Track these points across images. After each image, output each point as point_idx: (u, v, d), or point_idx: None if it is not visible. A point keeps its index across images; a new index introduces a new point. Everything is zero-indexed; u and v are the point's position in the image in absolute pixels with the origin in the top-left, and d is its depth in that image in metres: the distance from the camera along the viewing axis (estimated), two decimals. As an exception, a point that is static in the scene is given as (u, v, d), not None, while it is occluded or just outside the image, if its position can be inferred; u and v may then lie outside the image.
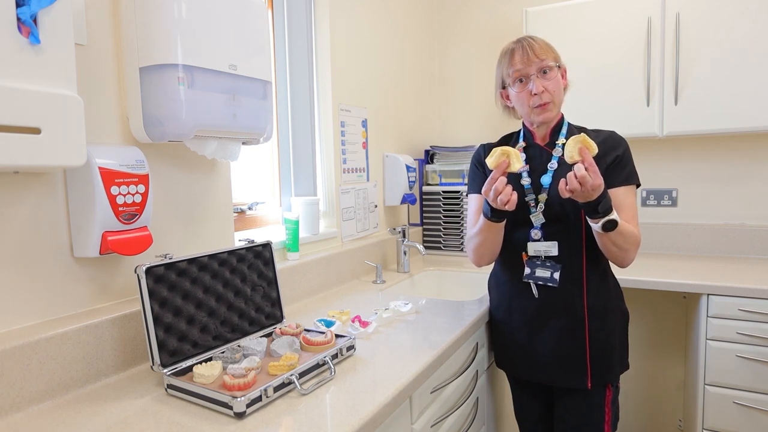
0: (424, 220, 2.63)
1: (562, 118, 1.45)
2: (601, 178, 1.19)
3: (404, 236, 2.20)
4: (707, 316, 1.82)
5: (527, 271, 1.43)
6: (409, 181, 2.35)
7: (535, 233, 1.41)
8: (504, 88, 1.45)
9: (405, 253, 2.19)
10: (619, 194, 1.36)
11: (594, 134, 1.42)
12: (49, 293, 1.05)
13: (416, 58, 2.69)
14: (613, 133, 1.41)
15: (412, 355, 1.20)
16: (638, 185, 1.39)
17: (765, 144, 2.23)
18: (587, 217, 1.28)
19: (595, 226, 1.27)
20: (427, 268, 2.30)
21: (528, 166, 1.43)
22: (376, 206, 2.29)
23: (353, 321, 1.40)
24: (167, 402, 0.99)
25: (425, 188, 2.60)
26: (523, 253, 1.45)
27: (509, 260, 1.50)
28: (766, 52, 1.93)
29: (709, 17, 2.01)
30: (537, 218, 1.40)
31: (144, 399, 1.00)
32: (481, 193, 1.47)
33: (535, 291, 1.43)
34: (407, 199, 2.36)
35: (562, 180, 1.21)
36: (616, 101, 2.19)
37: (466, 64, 2.87)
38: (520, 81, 1.38)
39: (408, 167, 2.34)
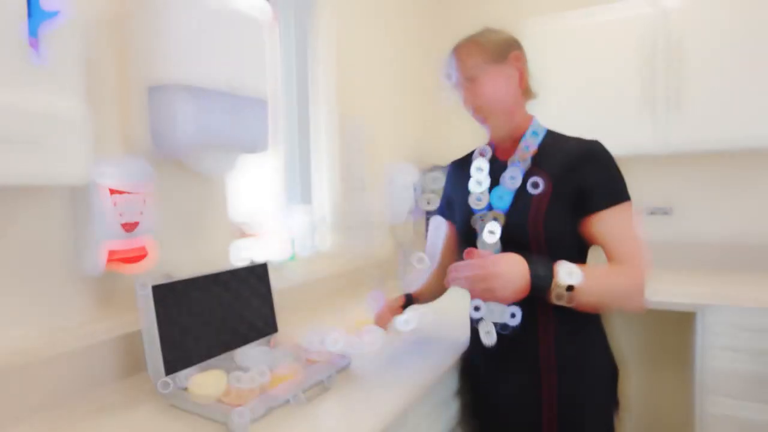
0: (427, 234, 2.62)
1: (529, 127, 1.17)
2: (490, 261, 0.94)
3: (407, 250, 2.19)
4: (707, 331, 1.82)
5: (481, 313, 1.13)
6: (413, 195, 2.35)
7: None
8: None
9: (406, 269, 2.19)
10: (607, 219, 1.05)
11: (574, 143, 1.12)
12: (50, 307, 1.06)
13: (417, 70, 2.72)
14: (594, 143, 1.10)
15: (410, 373, 1.20)
16: (628, 200, 1.08)
17: (762, 161, 2.24)
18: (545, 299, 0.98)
19: (559, 302, 0.97)
20: (427, 281, 2.29)
21: (487, 181, 1.17)
22: (378, 220, 2.30)
23: (352, 336, 1.40)
24: (166, 415, 0.99)
25: (426, 202, 2.60)
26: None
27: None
28: (765, 68, 1.95)
29: (708, 33, 2.02)
30: (486, 244, 1.11)
31: (143, 411, 1.00)
32: (440, 216, 1.37)
33: (493, 335, 1.13)
34: (410, 215, 2.36)
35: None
36: (614, 115, 2.19)
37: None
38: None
39: (410, 180, 2.34)
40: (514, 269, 0.95)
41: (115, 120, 1.17)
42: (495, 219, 1.12)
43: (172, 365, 1.08)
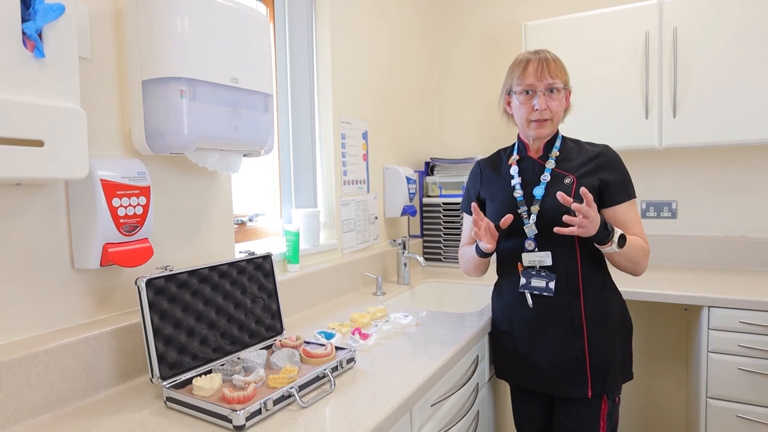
0: (425, 232, 2.63)
1: (557, 132, 1.51)
2: (595, 207, 1.25)
3: (404, 248, 2.20)
4: (708, 329, 1.82)
5: (523, 281, 1.46)
6: (410, 193, 2.36)
7: (529, 244, 1.44)
8: (509, 94, 1.49)
9: (405, 265, 2.19)
10: (623, 210, 1.42)
11: (589, 147, 1.47)
12: (49, 305, 1.05)
13: (416, 71, 2.71)
14: (608, 147, 1.46)
15: (412, 368, 1.20)
16: (636, 197, 1.45)
17: (763, 155, 2.24)
18: (598, 245, 1.33)
19: (609, 249, 1.32)
20: (427, 279, 2.29)
21: (520, 179, 1.48)
22: (376, 218, 2.29)
23: (353, 333, 1.40)
24: (166, 415, 0.98)
25: (425, 200, 2.61)
26: (519, 263, 1.48)
27: (508, 271, 1.53)
28: (764, 65, 1.95)
29: (706, 32, 2.03)
30: (530, 229, 1.43)
31: (143, 412, 1.00)
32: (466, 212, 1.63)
33: (529, 300, 1.45)
34: (407, 211, 2.36)
35: (567, 218, 1.27)
36: (615, 114, 2.20)
37: (465, 77, 2.89)
38: (527, 93, 1.42)
39: (408, 179, 2.35)
40: (599, 221, 1.28)
41: (115, 115, 1.16)
42: (532, 206, 1.44)
43: (172, 364, 1.08)
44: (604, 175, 1.41)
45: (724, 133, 2.03)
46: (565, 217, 1.27)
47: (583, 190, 1.24)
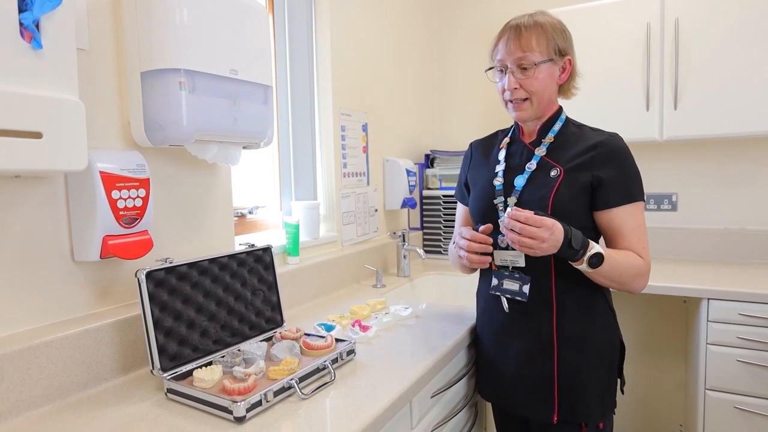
0: (425, 224, 2.63)
1: (558, 114, 1.28)
2: (547, 221, 1.08)
3: (404, 240, 2.20)
4: (708, 321, 1.82)
5: (494, 282, 1.26)
6: (409, 185, 2.35)
7: (501, 240, 1.24)
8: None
9: (405, 258, 2.19)
10: (620, 216, 1.17)
11: (591, 134, 1.24)
12: (49, 297, 1.05)
13: (416, 63, 2.70)
14: (613, 136, 1.21)
15: (412, 360, 1.20)
16: (643, 200, 1.20)
17: (764, 148, 2.23)
18: (571, 263, 1.15)
19: (581, 268, 1.13)
20: (427, 272, 2.30)
21: (505, 164, 1.29)
22: (376, 210, 2.29)
23: (353, 325, 1.40)
24: (167, 406, 0.99)
25: (425, 192, 2.60)
26: (492, 262, 1.28)
27: (483, 269, 1.36)
28: (766, 57, 1.94)
29: (707, 23, 2.01)
30: (504, 223, 1.19)
31: (144, 403, 1.00)
32: (461, 202, 1.46)
33: (505, 305, 1.27)
34: (407, 203, 2.36)
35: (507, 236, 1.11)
36: (616, 106, 2.19)
37: (465, 69, 2.88)
38: (501, 71, 1.24)
39: (408, 171, 2.35)
40: (559, 237, 1.09)
41: (113, 107, 1.16)
42: (509, 197, 1.25)
43: (173, 356, 1.08)
44: (600, 170, 1.17)
45: (725, 126, 2.02)
46: (502, 228, 1.12)
47: (510, 213, 1.10)
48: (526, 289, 1.21)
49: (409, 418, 1.14)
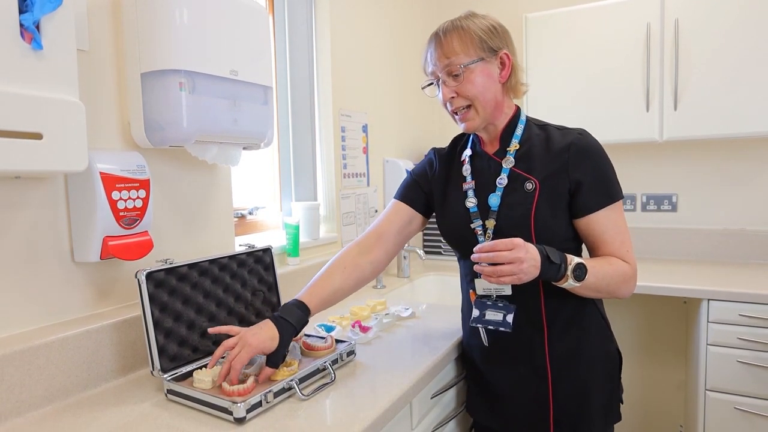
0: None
1: (516, 116, 1.17)
2: (515, 240, 0.99)
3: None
4: (708, 322, 1.82)
5: (475, 313, 1.14)
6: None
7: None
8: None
9: (405, 258, 2.19)
10: (601, 220, 1.09)
11: (558, 135, 1.13)
12: (49, 297, 1.05)
13: (416, 63, 2.70)
14: (582, 134, 1.12)
15: (412, 361, 1.20)
16: (622, 197, 1.12)
17: (764, 148, 2.23)
18: (555, 284, 1.06)
19: (567, 285, 1.04)
20: (427, 273, 2.30)
21: (473, 182, 1.17)
22: (376, 211, 2.29)
23: (353, 326, 1.40)
24: (167, 407, 0.98)
25: (425, 193, 2.60)
26: (471, 291, 1.19)
27: (464, 297, 1.28)
28: (766, 58, 1.94)
29: (707, 23, 2.01)
30: None
31: (144, 404, 1.00)
32: (401, 200, 1.29)
33: (484, 339, 1.19)
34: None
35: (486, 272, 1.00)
36: (616, 107, 2.19)
37: (466, 70, 2.88)
38: (436, 84, 1.15)
39: (408, 172, 2.34)
40: (535, 254, 1.00)
41: (114, 108, 1.16)
42: (487, 219, 1.15)
43: (173, 356, 1.08)
44: (576, 172, 1.08)
45: (725, 126, 2.02)
46: (475, 259, 1.02)
47: (474, 256, 1.01)
48: (510, 318, 1.11)
49: (410, 419, 1.14)
